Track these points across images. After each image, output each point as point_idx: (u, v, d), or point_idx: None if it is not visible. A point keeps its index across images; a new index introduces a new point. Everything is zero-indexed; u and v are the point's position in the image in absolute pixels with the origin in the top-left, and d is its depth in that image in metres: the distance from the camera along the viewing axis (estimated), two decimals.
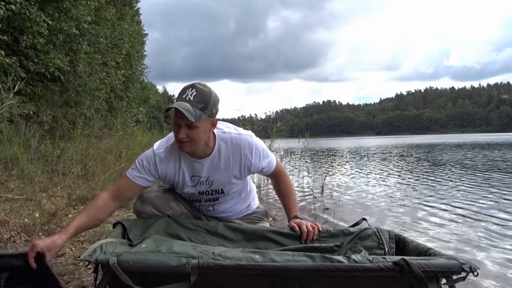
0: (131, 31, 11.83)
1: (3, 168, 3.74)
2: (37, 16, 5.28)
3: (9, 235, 2.25)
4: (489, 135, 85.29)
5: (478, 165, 11.60)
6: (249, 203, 2.15)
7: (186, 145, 1.75)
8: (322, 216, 4.87)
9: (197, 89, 1.70)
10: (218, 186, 1.94)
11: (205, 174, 1.90)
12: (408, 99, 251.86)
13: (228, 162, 1.89)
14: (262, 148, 1.94)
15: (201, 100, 1.70)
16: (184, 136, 1.71)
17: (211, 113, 1.75)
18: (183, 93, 1.71)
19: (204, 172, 1.89)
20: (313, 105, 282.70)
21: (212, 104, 1.73)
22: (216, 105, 1.77)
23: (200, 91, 1.71)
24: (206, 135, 1.79)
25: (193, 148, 1.78)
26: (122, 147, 5.83)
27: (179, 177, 1.91)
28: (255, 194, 2.23)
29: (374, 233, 1.89)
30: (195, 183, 1.93)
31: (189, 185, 1.93)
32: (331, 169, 11.86)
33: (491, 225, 4.21)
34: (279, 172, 2.06)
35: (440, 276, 1.39)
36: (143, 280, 1.31)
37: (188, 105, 1.67)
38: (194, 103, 1.68)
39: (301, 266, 1.33)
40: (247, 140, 1.89)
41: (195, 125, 1.70)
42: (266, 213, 2.23)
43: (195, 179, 1.92)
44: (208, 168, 1.89)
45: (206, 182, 1.93)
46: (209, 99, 1.72)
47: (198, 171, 1.89)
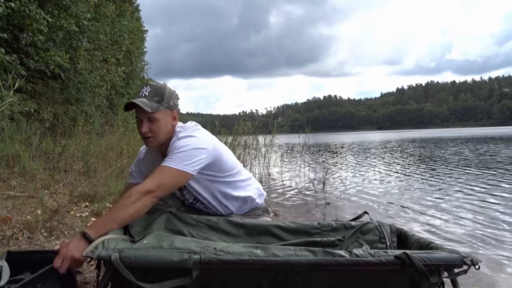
0: (131, 27, 11.79)
1: (4, 165, 3.75)
2: (36, 13, 5.27)
3: (12, 232, 2.25)
4: (490, 129, 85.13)
5: (480, 159, 11.58)
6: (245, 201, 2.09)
7: (150, 140, 1.85)
8: (324, 211, 4.87)
9: (151, 86, 1.85)
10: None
11: None
12: (409, 93, 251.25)
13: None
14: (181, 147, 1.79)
15: (155, 94, 1.83)
16: (147, 130, 1.82)
17: (169, 105, 1.85)
18: (139, 92, 1.85)
19: None
20: (314, 100, 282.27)
21: (168, 97, 1.85)
22: (172, 99, 1.88)
23: (153, 87, 1.85)
24: (168, 129, 1.87)
25: (156, 142, 1.86)
26: (123, 144, 5.84)
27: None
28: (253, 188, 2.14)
29: (376, 227, 1.89)
30: None
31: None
32: (332, 164, 11.85)
33: (493, 218, 4.21)
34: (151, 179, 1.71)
35: (442, 269, 1.40)
36: (145, 276, 1.31)
37: (143, 99, 1.80)
38: (149, 97, 1.81)
39: (303, 260, 1.33)
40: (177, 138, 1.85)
41: (155, 117, 1.80)
42: (267, 209, 2.21)
43: None
44: None
45: None
46: (163, 92, 1.84)
47: None
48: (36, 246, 2.26)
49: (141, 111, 1.79)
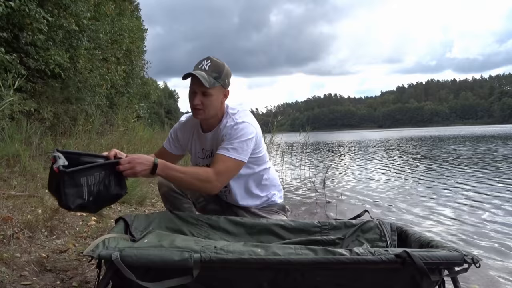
0: (131, 26, 11.77)
1: (5, 165, 3.75)
2: (36, 12, 5.26)
3: (12, 231, 2.25)
4: (490, 127, 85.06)
5: (480, 157, 11.59)
6: (265, 194, 2.14)
7: (200, 112, 1.90)
8: (324, 210, 4.87)
9: (211, 61, 1.88)
10: None
11: (209, 148, 2.04)
12: (410, 92, 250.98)
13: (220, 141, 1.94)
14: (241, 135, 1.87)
15: (215, 70, 1.87)
16: (199, 102, 1.87)
17: (224, 84, 1.91)
18: (199, 64, 1.88)
19: (208, 145, 2.03)
20: (315, 98, 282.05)
21: (225, 75, 1.91)
22: (228, 77, 1.94)
23: (214, 63, 1.89)
24: (218, 105, 1.94)
25: (205, 115, 1.92)
26: (124, 143, 5.83)
27: (191, 146, 2.11)
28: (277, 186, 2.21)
29: (376, 226, 1.89)
30: (204, 156, 2.07)
31: (199, 156, 2.08)
32: (332, 162, 11.85)
33: (494, 216, 4.21)
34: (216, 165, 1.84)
35: (442, 267, 1.40)
36: (146, 275, 1.31)
37: (203, 73, 1.83)
38: (208, 72, 1.85)
39: (303, 259, 1.33)
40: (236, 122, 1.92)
41: (209, 92, 1.86)
42: (284, 207, 2.23)
43: (204, 152, 2.06)
44: (210, 142, 2.01)
45: (212, 155, 2.02)
46: (222, 70, 1.90)
47: (205, 144, 2.04)
48: (37, 245, 2.26)
49: (198, 84, 1.84)
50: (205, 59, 1.89)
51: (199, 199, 2.11)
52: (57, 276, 1.95)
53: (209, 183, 1.80)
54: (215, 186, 1.83)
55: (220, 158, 1.84)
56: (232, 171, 1.87)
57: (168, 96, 47.09)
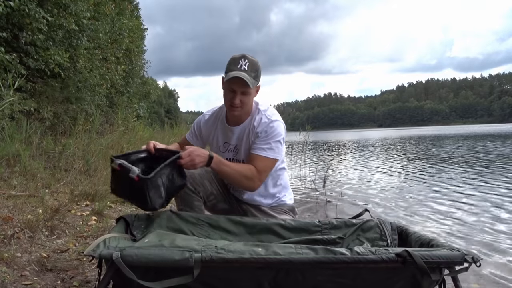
0: (131, 26, 11.77)
1: (5, 165, 3.75)
2: (36, 12, 5.25)
3: (13, 231, 2.25)
4: (490, 126, 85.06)
5: (480, 156, 11.59)
6: (278, 194, 2.19)
7: (238, 109, 1.96)
8: (324, 209, 4.87)
9: (249, 60, 1.92)
10: (241, 156, 2.06)
11: (234, 142, 2.08)
12: (409, 91, 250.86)
13: (250, 136, 2.01)
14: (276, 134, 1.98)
15: (253, 69, 1.92)
16: (239, 101, 1.93)
17: (259, 81, 2.00)
18: (237, 63, 1.91)
19: (234, 139, 2.08)
20: (314, 98, 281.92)
21: (260, 73, 1.99)
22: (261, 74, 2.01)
23: (251, 61, 1.92)
24: (252, 101, 2.03)
25: (242, 112, 1.99)
26: (124, 142, 5.83)
27: (213, 139, 2.16)
28: (289, 191, 2.27)
29: (377, 225, 1.89)
30: (225, 149, 2.11)
31: (221, 150, 2.12)
32: (332, 162, 11.85)
33: (494, 215, 4.21)
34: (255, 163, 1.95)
35: (443, 267, 1.40)
36: (146, 274, 1.31)
37: (246, 74, 1.88)
38: (249, 72, 1.90)
39: (304, 258, 1.33)
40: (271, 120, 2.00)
41: (249, 91, 1.92)
42: (293, 208, 2.26)
43: (227, 145, 2.10)
44: (237, 136, 2.06)
45: (234, 149, 2.08)
46: (258, 68, 1.96)
47: (229, 138, 2.09)
48: (38, 245, 2.26)
49: (240, 85, 1.89)
50: (241, 58, 1.91)
51: (210, 197, 2.12)
52: (57, 275, 1.95)
53: (252, 181, 1.93)
54: (256, 184, 1.96)
55: (259, 158, 1.95)
56: (269, 170, 2.00)
57: (168, 96, 47.08)
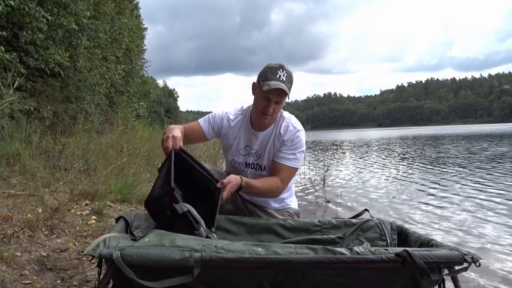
0: (131, 25, 11.77)
1: (5, 164, 3.75)
2: (36, 11, 5.26)
3: (13, 230, 2.25)
4: (490, 126, 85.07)
5: (479, 156, 11.59)
6: (286, 198, 2.22)
7: (269, 117, 2.00)
8: (324, 209, 4.88)
9: (286, 71, 1.95)
10: (263, 161, 2.09)
11: (256, 147, 2.09)
12: (409, 91, 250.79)
13: (275, 143, 2.04)
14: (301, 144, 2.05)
15: (289, 80, 1.96)
16: (272, 110, 1.97)
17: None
18: (275, 73, 1.93)
19: (257, 144, 2.09)
20: (314, 97, 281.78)
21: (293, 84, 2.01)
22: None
23: (289, 73, 1.96)
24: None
25: (272, 120, 2.04)
26: (123, 142, 5.82)
27: (233, 141, 2.14)
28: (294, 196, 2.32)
29: (376, 225, 1.89)
30: (246, 153, 2.11)
31: (241, 153, 2.12)
32: (332, 161, 11.85)
33: (493, 216, 4.22)
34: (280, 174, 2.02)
35: (442, 266, 1.40)
36: (146, 274, 1.31)
37: (284, 86, 1.91)
38: (286, 84, 1.93)
39: (304, 258, 1.33)
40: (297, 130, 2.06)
41: (283, 101, 1.98)
42: (298, 212, 2.29)
43: (248, 149, 2.11)
44: (261, 141, 2.08)
45: (255, 154, 2.09)
46: (292, 80, 1.99)
47: (252, 143, 2.10)
48: (37, 244, 2.26)
49: (277, 95, 1.92)
50: (280, 68, 1.93)
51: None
52: (57, 275, 1.95)
53: (277, 192, 2.03)
54: (279, 193, 2.05)
55: (285, 168, 2.01)
56: (291, 179, 2.09)
57: (167, 95, 47.08)
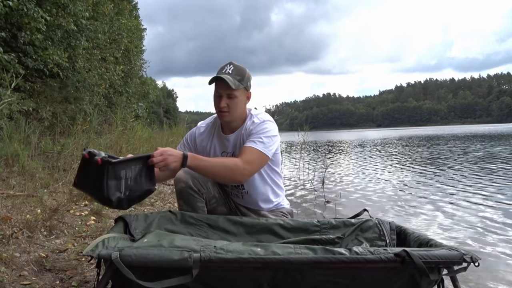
0: (130, 26, 11.77)
1: (3, 165, 3.74)
2: (34, 12, 5.25)
3: (11, 231, 2.25)
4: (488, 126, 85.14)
5: (479, 156, 11.61)
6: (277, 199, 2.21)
7: (226, 114, 1.98)
8: (323, 209, 4.88)
9: (234, 65, 1.98)
10: None
11: (230, 150, 2.08)
12: (408, 91, 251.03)
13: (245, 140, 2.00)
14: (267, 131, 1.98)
15: (237, 73, 1.96)
16: (225, 105, 1.95)
17: (246, 86, 2.01)
18: (222, 69, 1.98)
19: (230, 147, 2.08)
20: (313, 98, 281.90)
21: (247, 78, 2.01)
22: (250, 80, 2.04)
23: (236, 66, 1.99)
24: (242, 107, 2.03)
25: (231, 117, 1.99)
26: (122, 142, 5.82)
27: (210, 151, 2.13)
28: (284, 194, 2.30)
29: (375, 225, 1.89)
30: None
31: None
32: (331, 162, 11.86)
33: (493, 216, 4.22)
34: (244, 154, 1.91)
35: (442, 266, 1.40)
36: (145, 274, 1.31)
37: (228, 76, 1.93)
38: (233, 75, 1.95)
39: (303, 258, 1.33)
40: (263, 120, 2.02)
41: (235, 94, 1.95)
42: (292, 212, 2.28)
43: (224, 155, 2.09)
44: (233, 143, 2.06)
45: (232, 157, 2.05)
46: (244, 73, 1.99)
47: (226, 147, 2.09)
48: (36, 245, 2.26)
49: (224, 87, 1.93)
50: (227, 64, 1.98)
51: (211, 200, 2.08)
52: (56, 275, 1.95)
53: (237, 170, 1.87)
54: (243, 173, 1.89)
55: (247, 149, 1.92)
56: (258, 163, 1.94)
57: (166, 96, 47.09)
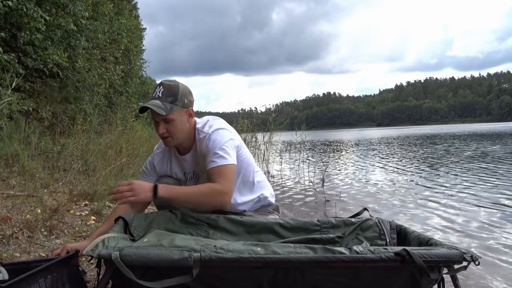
0: (129, 26, 11.76)
1: (4, 165, 3.75)
2: (34, 12, 5.25)
3: (12, 231, 2.25)
4: (488, 125, 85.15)
5: (479, 155, 11.61)
6: (259, 196, 2.12)
7: (168, 139, 1.87)
8: (323, 208, 4.88)
9: (164, 85, 1.84)
10: (204, 179, 1.94)
11: (189, 170, 2.00)
12: (408, 90, 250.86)
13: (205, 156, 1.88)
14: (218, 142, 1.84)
15: (168, 94, 1.82)
16: (164, 131, 1.84)
17: (183, 104, 1.84)
18: (153, 92, 1.85)
19: (189, 167, 1.99)
20: (313, 97, 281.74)
21: (182, 95, 1.84)
22: (186, 96, 1.87)
23: (167, 86, 1.83)
24: (185, 126, 1.88)
25: (175, 141, 1.88)
26: (122, 142, 5.83)
27: (172, 174, 2.04)
28: (268, 187, 2.20)
29: (376, 224, 1.89)
30: (186, 179, 2.03)
31: (182, 181, 2.03)
32: (331, 161, 11.86)
33: (493, 215, 4.22)
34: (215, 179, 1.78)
35: (442, 265, 1.40)
36: (145, 274, 1.31)
37: (157, 102, 1.79)
38: (163, 98, 1.81)
39: (303, 258, 1.33)
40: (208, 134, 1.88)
41: (170, 118, 1.81)
42: (278, 208, 2.23)
43: (186, 175, 2.02)
44: (191, 163, 1.98)
45: (194, 176, 2.01)
46: (177, 92, 1.83)
47: (185, 168, 2.00)
48: (36, 245, 2.26)
49: (157, 114, 1.79)
50: (157, 86, 1.85)
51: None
52: None
53: (217, 196, 1.76)
54: (224, 196, 1.78)
55: (212, 171, 1.79)
56: (231, 177, 1.82)
57: None
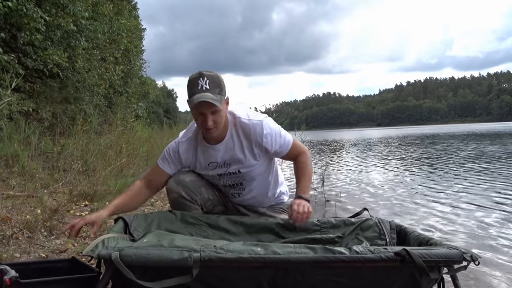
0: (129, 26, 11.76)
1: (3, 165, 3.74)
2: (34, 12, 5.25)
3: (12, 231, 2.25)
4: (488, 125, 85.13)
5: (480, 155, 11.61)
6: (277, 193, 2.17)
7: (213, 130, 1.85)
8: (323, 208, 4.87)
9: (207, 77, 1.78)
10: (234, 168, 1.99)
11: (220, 159, 1.98)
12: (408, 90, 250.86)
13: (241, 146, 1.94)
14: (274, 132, 1.96)
15: (215, 85, 1.79)
16: (212, 123, 1.81)
17: (225, 94, 1.85)
18: (196, 84, 1.77)
19: (219, 157, 1.98)
20: (313, 97, 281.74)
21: (224, 86, 1.85)
22: (225, 85, 1.88)
23: (210, 78, 1.79)
24: (225, 116, 1.91)
25: (218, 131, 1.89)
26: (122, 143, 5.83)
27: (196, 162, 2.02)
28: (285, 188, 2.27)
29: (375, 224, 1.89)
30: (213, 168, 2.01)
31: (208, 170, 2.03)
32: (331, 161, 11.86)
33: (493, 214, 4.21)
34: (297, 153, 2.06)
35: (442, 265, 1.40)
36: (145, 274, 1.31)
37: (210, 94, 1.75)
38: (212, 90, 1.76)
39: (303, 258, 1.33)
40: (256, 126, 1.93)
41: (219, 108, 1.80)
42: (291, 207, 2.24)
43: (212, 165, 2.00)
44: (223, 152, 1.97)
45: (224, 165, 2.00)
46: (220, 82, 1.83)
47: (214, 157, 1.98)
48: (36, 245, 2.26)
49: (208, 107, 1.76)
50: (199, 78, 1.77)
51: (207, 203, 2.06)
52: None
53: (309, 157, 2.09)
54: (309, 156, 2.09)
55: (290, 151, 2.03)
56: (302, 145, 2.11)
57: (166, 96, 47.03)
